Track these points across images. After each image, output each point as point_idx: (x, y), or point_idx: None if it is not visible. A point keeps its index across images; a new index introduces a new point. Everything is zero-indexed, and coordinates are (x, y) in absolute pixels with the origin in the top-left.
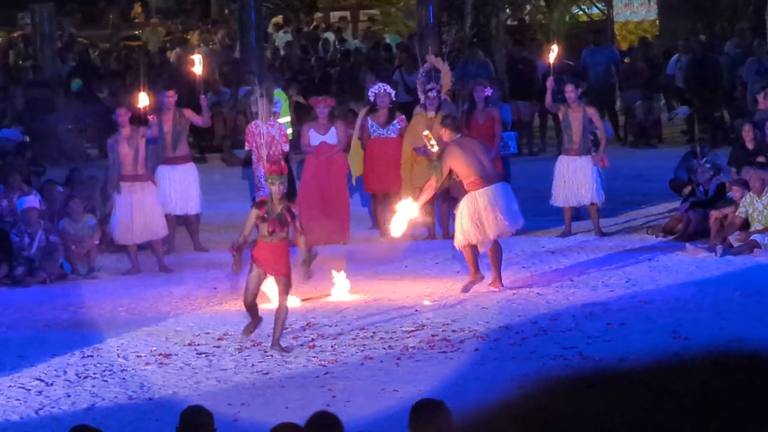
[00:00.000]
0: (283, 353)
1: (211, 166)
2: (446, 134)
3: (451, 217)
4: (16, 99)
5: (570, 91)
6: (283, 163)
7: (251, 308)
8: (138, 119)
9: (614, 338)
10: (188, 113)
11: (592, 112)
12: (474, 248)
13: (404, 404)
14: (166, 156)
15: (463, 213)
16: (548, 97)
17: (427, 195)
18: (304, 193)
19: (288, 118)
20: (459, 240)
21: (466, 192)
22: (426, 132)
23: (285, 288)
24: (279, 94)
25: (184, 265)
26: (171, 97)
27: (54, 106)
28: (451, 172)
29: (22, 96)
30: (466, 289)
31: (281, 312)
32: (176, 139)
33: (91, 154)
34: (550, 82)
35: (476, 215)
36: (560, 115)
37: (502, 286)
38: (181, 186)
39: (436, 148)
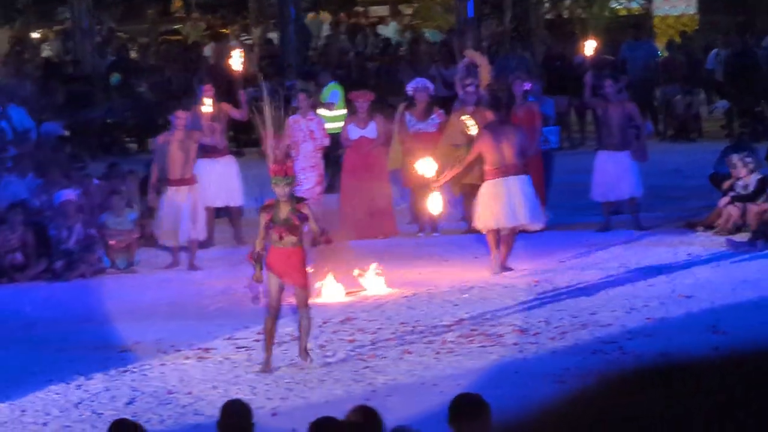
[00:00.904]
0: (309, 363)
1: (248, 160)
2: (486, 115)
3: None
4: (56, 93)
5: (609, 86)
6: (288, 164)
7: (272, 326)
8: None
9: (654, 333)
10: (226, 107)
11: (631, 107)
12: (496, 232)
13: (444, 399)
14: (205, 149)
15: (480, 198)
16: (587, 92)
17: (452, 171)
18: (345, 187)
19: (344, 111)
20: (477, 224)
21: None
22: (465, 116)
23: (303, 300)
24: (335, 86)
25: (223, 259)
26: (208, 90)
27: (93, 101)
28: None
29: (61, 90)
30: (496, 272)
31: (304, 325)
32: (213, 132)
33: (131, 148)
34: (587, 78)
35: (489, 203)
36: (599, 110)
37: (499, 272)
38: (222, 178)
39: (474, 131)
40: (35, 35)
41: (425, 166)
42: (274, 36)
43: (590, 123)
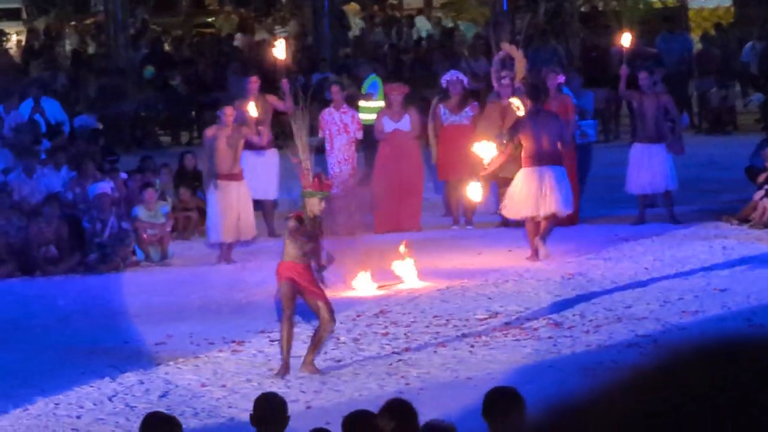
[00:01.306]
0: (315, 373)
1: (283, 153)
2: (527, 103)
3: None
4: (89, 86)
5: (644, 78)
6: (324, 179)
7: (290, 331)
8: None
9: (689, 326)
10: (271, 99)
11: (666, 99)
12: (533, 221)
13: (478, 392)
14: (250, 142)
15: (512, 187)
16: (622, 85)
17: (499, 159)
18: (378, 179)
19: (383, 103)
20: (504, 211)
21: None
22: (513, 99)
23: (328, 313)
24: (375, 78)
25: (256, 252)
26: (254, 82)
27: (126, 94)
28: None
29: (94, 83)
30: (533, 259)
31: (322, 337)
32: (259, 124)
33: (164, 141)
34: (623, 71)
35: (518, 192)
36: (635, 103)
37: (537, 260)
38: (263, 171)
39: (522, 112)
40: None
41: (483, 149)
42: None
43: (624, 115)
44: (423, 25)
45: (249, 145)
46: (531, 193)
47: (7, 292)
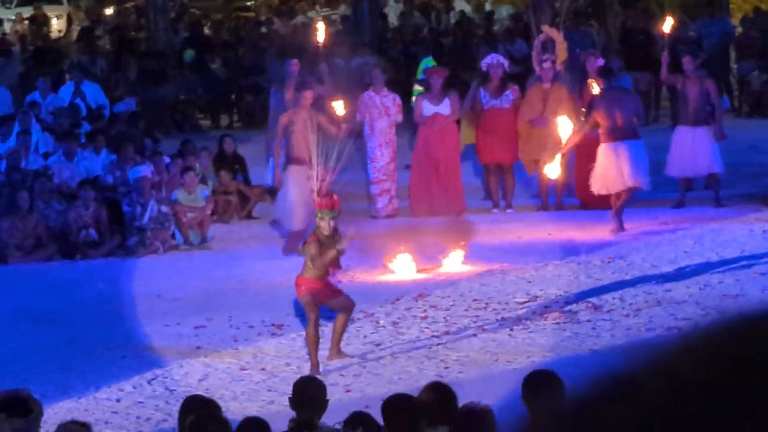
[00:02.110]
0: (346, 359)
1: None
2: (599, 83)
3: (565, 189)
4: (129, 70)
5: (687, 62)
6: (335, 197)
7: (314, 336)
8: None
9: (730, 310)
10: (310, 82)
11: (709, 83)
12: (618, 196)
13: (517, 375)
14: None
15: (597, 164)
16: (664, 71)
17: (573, 139)
18: (417, 163)
19: None
20: (594, 187)
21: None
22: (590, 80)
23: (347, 305)
24: (430, 62)
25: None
26: (294, 65)
27: (166, 77)
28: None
29: (134, 67)
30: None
31: (339, 324)
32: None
33: (203, 124)
34: (664, 57)
35: (601, 169)
36: (678, 87)
37: (622, 230)
38: None
39: (596, 90)
40: (109, 11)
41: (563, 124)
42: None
43: (663, 99)
44: (463, 8)
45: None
46: (610, 169)
47: (47, 275)
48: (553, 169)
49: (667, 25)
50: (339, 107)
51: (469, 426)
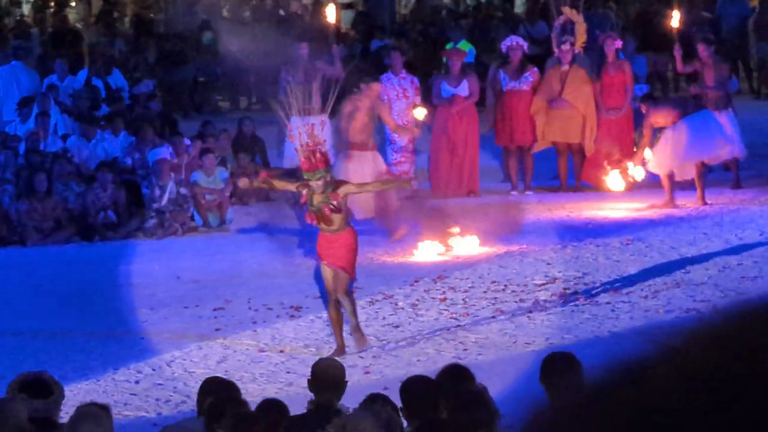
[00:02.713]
0: (363, 346)
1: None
2: (581, 74)
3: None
4: (148, 52)
5: (702, 50)
6: (318, 155)
7: (336, 313)
8: None
9: (748, 291)
10: (320, 65)
11: (725, 68)
12: (671, 177)
13: (536, 357)
14: (299, 108)
15: (659, 144)
16: (679, 64)
17: (641, 151)
18: (435, 145)
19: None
20: (655, 168)
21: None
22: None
23: (342, 285)
24: (465, 45)
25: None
26: (303, 49)
27: (185, 59)
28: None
29: (153, 49)
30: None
31: (348, 309)
32: (309, 91)
33: (223, 106)
34: (677, 51)
35: (668, 147)
36: (697, 71)
37: (705, 203)
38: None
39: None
40: None
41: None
42: None
43: (681, 80)
44: None
45: (301, 112)
46: (680, 145)
47: (67, 257)
48: (639, 172)
49: (675, 19)
50: (420, 113)
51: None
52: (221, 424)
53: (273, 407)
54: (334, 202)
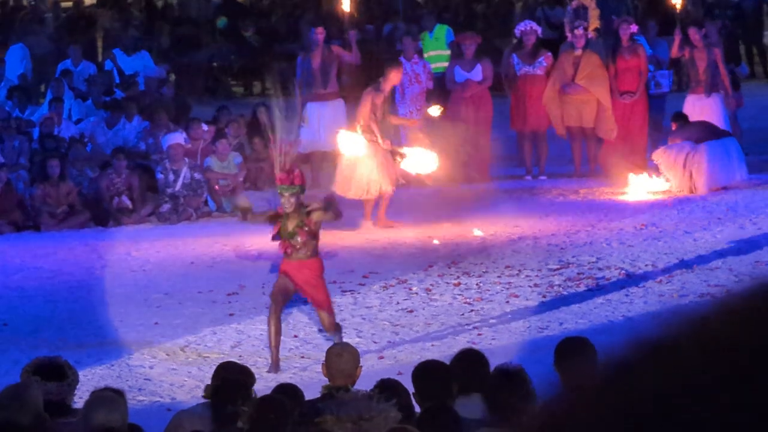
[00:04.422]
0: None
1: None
2: (594, 59)
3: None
4: (162, 36)
5: (693, 33)
6: (297, 171)
7: (276, 324)
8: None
9: (763, 276)
10: (336, 50)
11: (716, 52)
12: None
13: (550, 342)
14: (315, 92)
15: (673, 155)
16: (674, 48)
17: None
18: (447, 130)
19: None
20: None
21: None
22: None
23: (329, 324)
24: (441, 29)
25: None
26: (320, 33)
27: (200, 44)
28: None
29: (167, 33)
30: None
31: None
32: (325, 76)
33: (236, 91)
34: (677, 34)
35: (682, 163)
36: (685, 55)
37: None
38: (330, 122)
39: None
40: None
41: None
42: None
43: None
44: None
45: (314, 96)
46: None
47: (81, 242)
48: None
49: (677, 3)
50: (434, 111)
51: (503, 386)
52: (241, 406)
53: (287, 391)
54: (309, 228)
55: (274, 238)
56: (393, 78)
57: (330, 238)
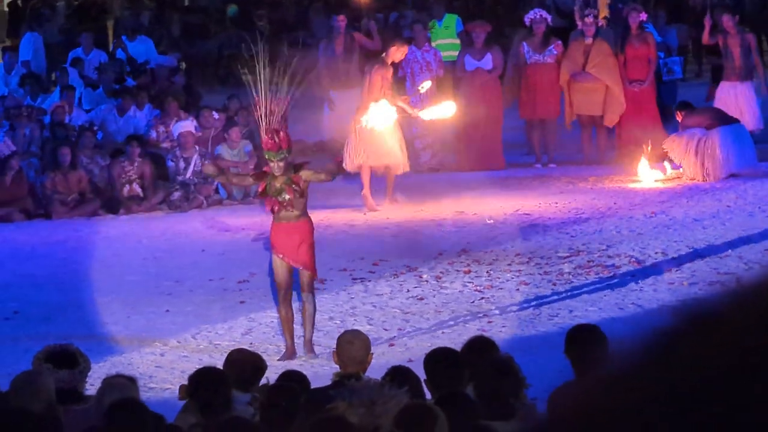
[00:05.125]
0: (312, 358)
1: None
2: (605, 48)
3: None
4: (172, 25)
5: (727, 20)
6: (282, 134)
7: (287, 312)
8: None
9: None
10: (358, 37)
11: (750, 37)
12: None
13: (560, 330)
14: (338, 80)
15: (684, 141)
16: (705, 34)
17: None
18: (459, 118)
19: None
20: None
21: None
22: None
23: (307, 283)
24: (451, 18)
25: (339, 191)
26: (341, 21)
27: (210, 33)
28: None
29: (178, 22)
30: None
31: (308, 311)
32: (348, 63)
33: (247, 80)
34: (707, 21)
35: (694, 149)
36: (720, 44)
37: None
38: (352, 110)
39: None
40: None
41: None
42: None
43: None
44: None
45: (336, 84)
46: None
47: (92, 230)
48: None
49: None
50: (425, 86)
51: (493, 376)
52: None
53: (294, 379)
54: (297, 185)
55: (258, 195)
56: (394, 53)
57: (341, 226)
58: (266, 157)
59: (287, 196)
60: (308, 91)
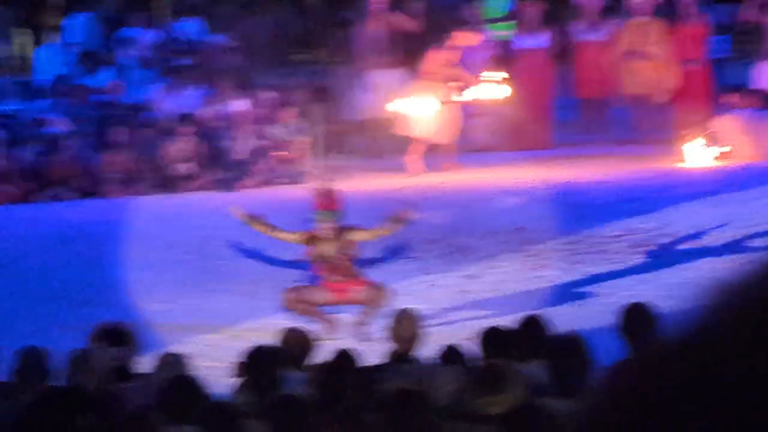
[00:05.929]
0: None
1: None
2: (660, 26)
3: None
4: (224, 3)
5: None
6: (335, 195)
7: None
8: None
9: None
10: (398, 17)
11: None
12: None
13: (613, 309)
14: (376, 60)
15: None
16: (746, 13)
17: None
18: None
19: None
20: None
21: None
22: None
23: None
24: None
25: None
26: (378, 2)
27: (263, 11)
28: None
29: (231, 1)
30: None
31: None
32: (386, 44)
33: (299, 59)
34: None
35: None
36: (757, 21)
37: None
38: (390, 91)
39: None
40: None
41: None
42: None
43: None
44: None
45: (374, 64)
46: None
47: (144, 209)
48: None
49: None
50: (498, 76)
51: (562, 354)
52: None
53: (346, 357)
54: (352, 251)
55: (305, 260)
56: (460, 38)
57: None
58: (318, 218)
59: (340, 263)
60: (350, 70)
